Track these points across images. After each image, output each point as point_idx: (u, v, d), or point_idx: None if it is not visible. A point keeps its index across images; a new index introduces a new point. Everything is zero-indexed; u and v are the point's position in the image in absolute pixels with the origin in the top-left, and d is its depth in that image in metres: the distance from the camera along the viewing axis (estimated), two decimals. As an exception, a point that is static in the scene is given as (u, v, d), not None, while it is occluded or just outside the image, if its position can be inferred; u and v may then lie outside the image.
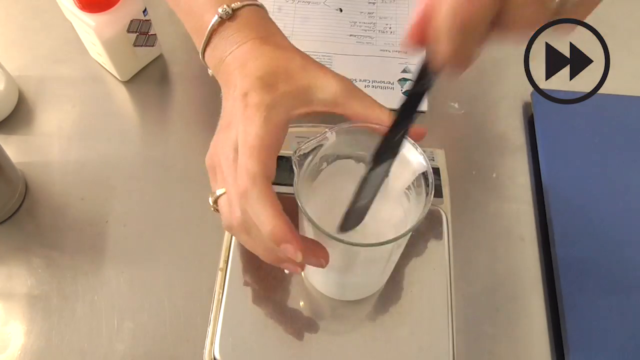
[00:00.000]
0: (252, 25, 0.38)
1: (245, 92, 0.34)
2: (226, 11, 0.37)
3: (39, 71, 0.58)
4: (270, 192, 0.32)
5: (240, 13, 0.38)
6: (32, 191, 0.51)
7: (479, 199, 0.52)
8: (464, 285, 0.47)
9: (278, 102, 0.34)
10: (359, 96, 0.36)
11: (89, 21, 0.50)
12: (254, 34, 0.37)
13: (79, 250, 0.48)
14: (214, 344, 0.41)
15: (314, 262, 0.33)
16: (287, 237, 0.31)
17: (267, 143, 0.33)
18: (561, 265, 0.47)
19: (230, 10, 0.37)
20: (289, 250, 0.31)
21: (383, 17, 0.62)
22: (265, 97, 0.34)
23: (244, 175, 0.32)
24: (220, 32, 0.38)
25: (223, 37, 0.38)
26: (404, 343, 0.42)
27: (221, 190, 0.35)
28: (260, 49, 0.36)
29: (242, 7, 0.38)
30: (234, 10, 0.38)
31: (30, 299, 0.46)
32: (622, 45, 0.62)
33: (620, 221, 0.50)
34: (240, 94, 0.34)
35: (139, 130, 0.56)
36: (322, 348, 0.42)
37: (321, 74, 0.36)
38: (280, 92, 0.34)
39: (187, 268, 0.48)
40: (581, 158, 0.53)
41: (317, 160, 0.36)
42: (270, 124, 0.33)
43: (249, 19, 0.38)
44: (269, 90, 0.34)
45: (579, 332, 0.44)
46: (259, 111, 0.33)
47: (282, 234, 0.31)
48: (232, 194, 0.34)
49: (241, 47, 0.37)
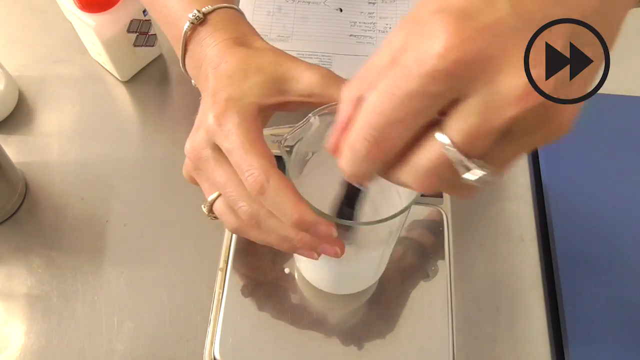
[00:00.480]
0: (225, 28, 0.37)
1: (215, 92, 0.33)
2: (197, 16, 0.36)
3: (39, 71, 0.58)
4: (285, 179, 0.31)
5: (211, 17, 0.37)
6: (32, 191, 0.51)
7: (479, 199, 0.52)
8: (464, 285, 0.47)
9: (246, 93, 0.33)
10: (336, 82, 0.35)
11: (89, 21, 0.50)
12: (226, 35, 0.36)
13: (79, 250, 0.48)
14: (214, 344, 0.41)
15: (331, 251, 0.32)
16: (315, 220, 0.30)
17: (254, 134, 0.32)
18: (561, 265, 0.47)
19: (201, 14, 0.36)
20: (321, 230, 0.31)
21: (383, 17, 0.62)
22: (233, 90, 0.33)
23: (253, 172, 0.31)
24: (193, 38, 0.37)
25: (197, 43, 0.37)
26: (404, 343, 0.42)
27: (213, 195, 0.35)
28: (232, 50, 0.35)
29: (214, 10, 0.37)
30: (205, 15, 0.37)
31: (30, 299, 0.46)
32: (622, 45, 0.62)
33: (620, 221, 0.50)
34: (210, 95, 0.33)
35: (139, 130, 0.56)
36: (321, 348, 0.42)
37: (294, 66, 0.35)
38: (250, 85, 0.33)
39: (187, 268, 0.48)
40: (581, 158, 0.53)
41: (304, 148, 0.35)
42: (245, 116, 0.32)
43: (220, 22, 0.37)
44: (237, 86, 0.33)
45: (578, 332, 0.44)
46: (229, 105, 0.32)
47: (310, 219, 0.30)
48: (233, 194, 0.33)
49: (213, 49, 0.36)
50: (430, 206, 0.47)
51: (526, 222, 0.51)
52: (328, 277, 0.42)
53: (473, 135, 0.20)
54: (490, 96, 0.20)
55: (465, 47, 0.19)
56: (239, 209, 0.33)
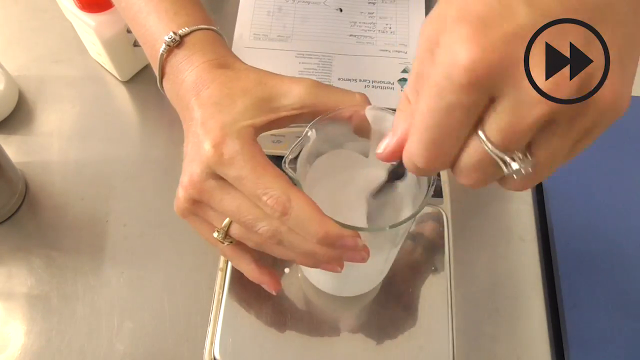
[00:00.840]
0: (202, 51, 0.36)
1: (204, 122, 0.32)
2: (173, 39, 0.35)
3: (39, 71, 0.58)
4: (307, 197, 0.31)
5: (188, 39, 0.36)
6: (32, 191, 0.51)
7: (479, 199, 0.52)
8: (464, 285, 0.47)
9: (239, 118, 0.32)
10: (326, 91, 0.35)
11: (89, 21, 0.50)
12: (203, 58, 0.35)
13: (79, 250, 0.48)
14: (214, 344, 0.41)
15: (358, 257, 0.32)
16: (341, 233, 0.30)
17: (260, 157, 0.31)
18: (561, 265, 0.47)
19: (178, 36, 0.36)
20: (348, 242, 0.31)
21: (383, 17, 0.62)
22: (225, 117, 0.32)
23: (273, 195, 0.30)
24: (170, 61, 0.36)
25: (173, 66, 0.36)
26: (404, 343, 0.42)
27: (225, 221, 0.34)
28: (212, 74, 0.34)
29: (191, 32, 0.36)
30: (182, 37, 0.36)
31: (30, 299, 0.46)
32: (622, 45, 0.62)
33: (620, 221, 0.50)
34: (199, 125, 0.33)
35: (139, 130, 0.56)
36: (321, 348, 0.42)
37: (279, 83, 0.34)
38: (239, 109, 0.33)
39: (187, 268, 0.48)
40: (581, 158, 0.53)
41: (303, 163, 0.35)
42: (245, 140, 0.32)
43: (197, 45, 0.36)
44: (227, 112, 0.32)
45: (579, 331, 0.44)
46: (226, 132, 0.31)
47: (336, 233, 0.30)
48: (249, 217, 0.32)
49: (191, 75, 0.35)
50: (430, 206, 0.47)
51: (526, 222, 0.51)
52: (332, 280, 0.42)
53: (507, 133, 0.22)
54: (519, 97, 0.21)
55: (489, 57, 0.20)
56: (259, 229, 0.32)
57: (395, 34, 0.61)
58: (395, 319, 0.43)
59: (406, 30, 0.61)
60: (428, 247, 0.46)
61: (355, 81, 0.58)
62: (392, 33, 0.61)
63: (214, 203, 0.33)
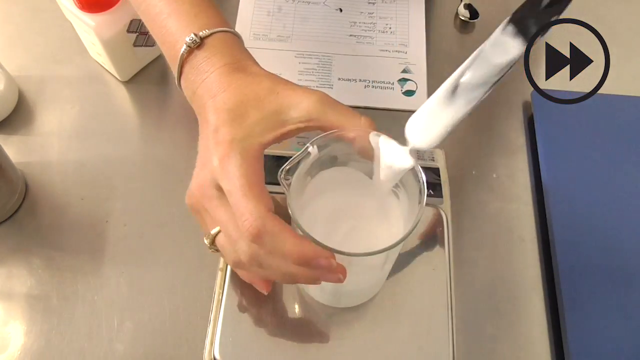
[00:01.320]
0: (221, 53, 0.37)
1: (216, 128, 0.34)
2: (194, 40, 0.37)
3: (39, 71, 0.58)
4: (281, 222, 0.32)
5: (208, 41, 0.37)
6: (32, 191, 0.51)
7: (479, 199, 0.52)
8: (464, 285, 0.47)
9: (249, 133, 0.34)
10: (333, 106, 0.36)
11: (89, 21, 0.50)
12: (222, 61, 0.36)
13: (79, 250, 0.48)
14: (214, 344, 0.41)
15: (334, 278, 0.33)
16: (315, 254, 0.31)
17: (253, 177, 0.33)
18: (561, 265, 0.47)
19: (199, 38, 0.37)
20: (322, 263, 0.32)
21: (383, 17, 0.62)
22: (236, 131, 0.34)
23: (248, 218, 0.31)
24: (190, 62, 0.37)
25: (193, 67, 0.37)
26: (404, 343, 0.42)
27: (215, 229, 0.36)
28: (229, 78, 0.36)
29: (211, 35, 0.37)
30: (202, 39, 0.37)
31: (30, 299, 0.46)
32: (622, 45, 0.62)
33: (620, 221, 0.50)
34: (212, 130, 0.34)
35: (139, 130, 0.56)
36: (322, 347, 0.42)
37: (291, 93, 0.35)
38: (252, 122, 0.34)
39: (187, 268, 0.48)
40: (581, 158, 0.53)
41: (302, 175, 0.36)
42: (247, 158, 0.33)
43: (217, 47, 0.37)
44: (239, 123, 0.34)
45: (579, 332, 0.44)
46: (233, 148, 0.33)
47: (311, 254, 0.31)
48: (233, 234, 0.34)
49: (210, 77, 0.36)
50: (430, 206, 0.47)
51: (526, 222, 0.51)
52: (328, 294, 0.42)
53: None
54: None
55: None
56: (239, 249, 0.34)
57: (395, 34, 0.61)
58: (395, 319, 0.43)
59: (406, 30, 0.61)
60: (428, 247, 0.46)
61: (355, 81, 0.58)
62: (392, 33, 0.61)
63: (211, 210, 0.35)
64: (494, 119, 0.57)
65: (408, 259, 0.45)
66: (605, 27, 0.52)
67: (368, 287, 0.42)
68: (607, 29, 0.54)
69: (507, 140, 0.56)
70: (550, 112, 0.55)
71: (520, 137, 0.56)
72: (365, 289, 0.42)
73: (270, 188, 0.34)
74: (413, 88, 0.57)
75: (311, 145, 0.35)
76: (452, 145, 0.54)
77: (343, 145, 0.36)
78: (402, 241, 0.32)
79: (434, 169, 0.49)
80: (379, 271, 0.39)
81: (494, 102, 0.58)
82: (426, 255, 0.45)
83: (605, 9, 0.64)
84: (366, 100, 0.56)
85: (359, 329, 0.43)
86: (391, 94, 0.57)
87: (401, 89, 0.57)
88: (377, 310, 0.43)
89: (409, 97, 0.57)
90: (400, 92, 0.57)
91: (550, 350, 0.45)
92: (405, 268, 0.44)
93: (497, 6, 0.64)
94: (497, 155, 0.55)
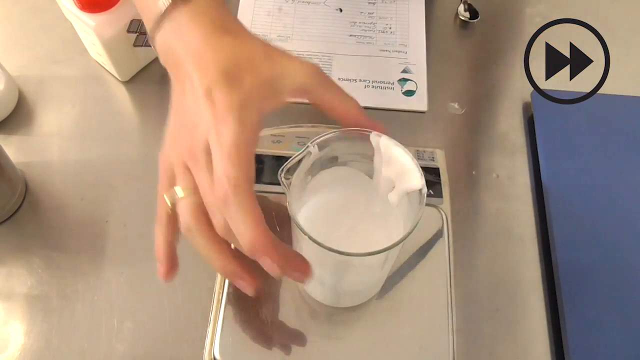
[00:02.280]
0: (208, 13, 0.35)
1: (209, 89, 0.32)
2: None
3: (39, 71, 0.58)
4: (252, 200, 0.31)
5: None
6: (32, 191, 0.51)
7: (479, 199, 0.52)
8: (464, 285, 0.47)
9: (248, 101, 0.32)
10: (327, 83, 0.35)
11: (89, 21, 0.50)
12: (209, 21, 0.35)
13: (79, 250, 0.48)
14: (214, 344, 0.41)
15: (296, 276, 0.32)
16: (266, 249, 0.30)
17: (245, 146, 0.31)
18: (561, 265, 0.47)
19: None
20: (266, 263, 0.30)
21: (383, 17, 0.62)
22: (234, 96, 0.32)
23: (224, 182, 0.30)
24: (172, 17, 0.35)
25: (175, 22, 0.35)
26: (404, 343, 0.42)
27: (181, 193, 0.34)
28: (218, 39, 0.34)
29: None
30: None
31: (30, 299, 0.46)
32: (622, 45, 0.62)
33: (620, 221, 0.50)
34: (203, 90, 0.32)
35: (139, 130, 0.56)
36: (322, 347, 0.42)
37: (286, 62, 0.34)
38: (248, 88, 0.32)
39: (187, 268, 0.48)
40: (581, 158, 0.53)
41: (303, 174, 0.36)
42: (244, 125, 0.31)
43: (204, 6, 0.35)
44: (236, 87, 0.32)
45: (579, 332, 0.44)
46: (231, 112, 0.31)
47: (261, 246, 0.30)
48: (210, 200, 0.32)
49: (195, 36, 0.34)
50: (430, 206, 0.47)
51: (526, 222, 0.51)
52: (327, 293, 0.42)
53: None
54: None
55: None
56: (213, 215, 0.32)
57: (395, 34, 0.61)
58: (395, 319, 0.43)
59: (406, 30, 0.61)
60: (428, 247, 0.46)
61: (355, 81, 0.58)
62: (392, 33, 0.61)
63: (194, 173, 0.33)
64: (493, 119, 0.57)
65: (408, 259, 0.45)
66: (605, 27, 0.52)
67: (368, 287, 0.42)
68: (607, 29, 0.54)
69: (507, 140, 0.56)
70: (550, 112, 0.55)
71: (520, 137, 0.56)
72: (365, 289, 0.42)
73: (270, 188, 0.34)
74: (413, 88, 0.57)
75: (312, 144, 0.35)
76: (452, 145, 0.54)
77: (344, 145, 0.36)
78: (402, 241, 0.32)
79: (434, 169, 0.49)
80: (378, 271, 0.39)
81: (494, 102, 0.58)
82: (426, 255, 0.45)
83: (605, 9, 0.64)
84: (366, 100, 0.56)
85: (359, 329, 0.43)
86: (391, 94, 0.57)
87: (401, 89, 0.57)
88: (377, 310, 0.43)
89: (409, 97, 0.57)
90: (400, 92, 0.57)
91: (550, 350, 0.45)
92: (405, 268, 0.44)
93: (497, 6, 0.64)
94: (497, 155, 0.55)
